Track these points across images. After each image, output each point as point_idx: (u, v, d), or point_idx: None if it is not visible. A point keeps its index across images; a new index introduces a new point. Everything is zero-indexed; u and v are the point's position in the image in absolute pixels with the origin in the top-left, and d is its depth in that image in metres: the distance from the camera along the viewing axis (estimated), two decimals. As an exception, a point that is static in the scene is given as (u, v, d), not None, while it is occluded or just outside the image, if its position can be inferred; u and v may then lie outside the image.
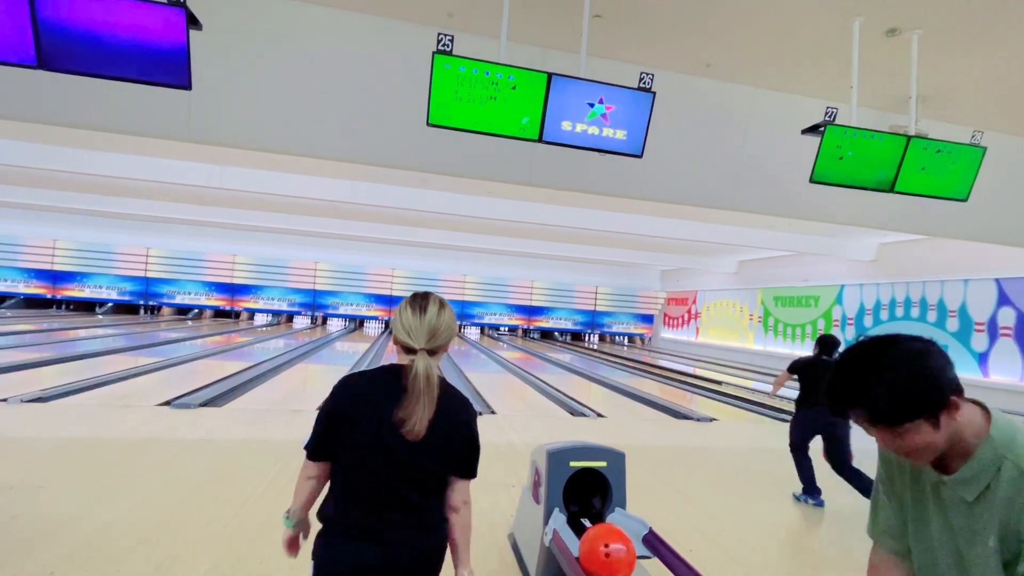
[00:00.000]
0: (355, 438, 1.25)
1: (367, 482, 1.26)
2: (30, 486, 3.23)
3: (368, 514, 1.25)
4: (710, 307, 19.34)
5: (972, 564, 0.90)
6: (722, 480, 4.46)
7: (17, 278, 17.80)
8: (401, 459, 1.24)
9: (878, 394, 0.87)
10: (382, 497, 1.25)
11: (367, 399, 1.27)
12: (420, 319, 1.29)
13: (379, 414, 1.24)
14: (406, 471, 1.25)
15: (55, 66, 3.14)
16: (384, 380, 1.29)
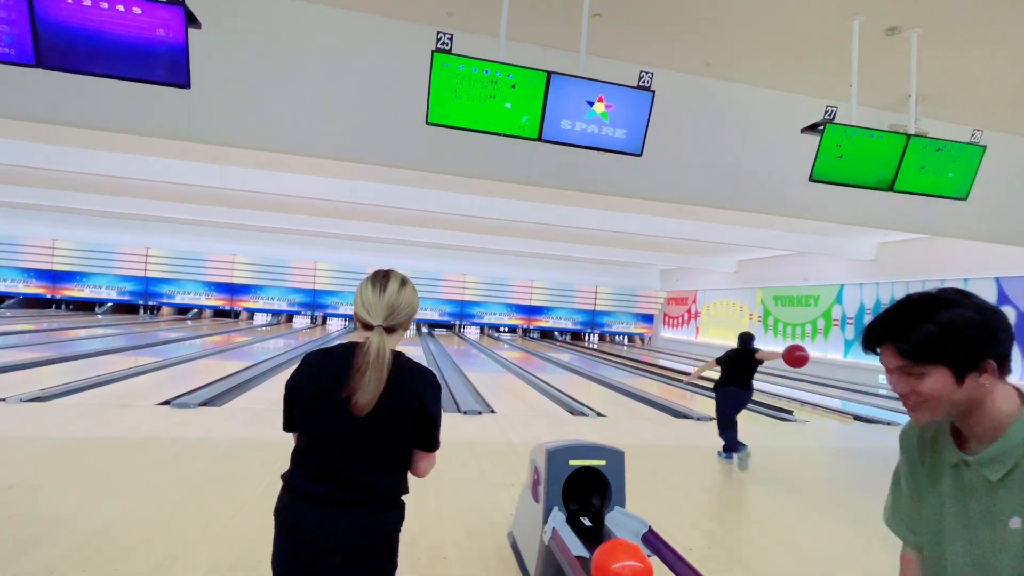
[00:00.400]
0: (309, 412, 1.30)
1: (318, 454, 1.30)
2: (29, 485, 3.23)
3: (318, 484, 1.29)
4: (710, 307, 19.34)
5: (993, 549, 0.87)
6: (721, 479, 4.46)
7: (17, 278, 17.80)
8: (349, 435, 1.27)
9: (924, 331, 0.85)
10: (331, 470, 1.29)
11: (321, 375, 1.30)
12: (379, 296, 1.33)
13: (331, 390, 1.26)
14: (354, 446, 1.28)
15: (53, 65, 3.14)
16: (339, 356, 1.30)
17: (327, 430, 1.28)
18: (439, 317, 20.89)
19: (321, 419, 1.28)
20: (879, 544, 3.23)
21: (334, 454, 1.28)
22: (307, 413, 1.31)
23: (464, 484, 3.80)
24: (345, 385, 1.24)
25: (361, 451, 1.28)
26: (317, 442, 1.30)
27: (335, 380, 1.26)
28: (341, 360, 1.28)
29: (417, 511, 3.27)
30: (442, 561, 2.68)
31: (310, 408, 1.30)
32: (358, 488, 1.29)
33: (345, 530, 1.27)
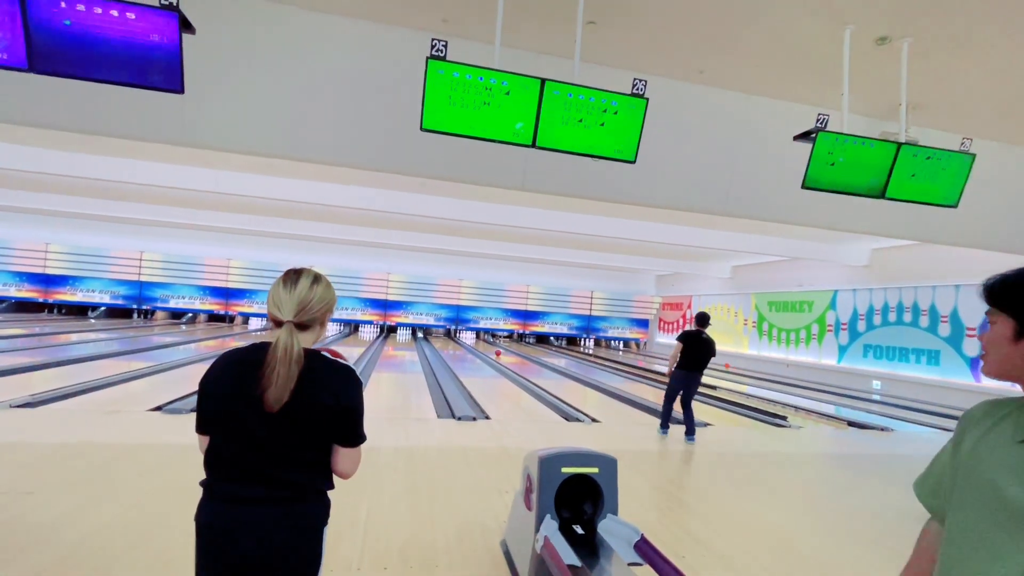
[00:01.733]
0: (222, 410, 1.29)
1: (232, 453, 1.28)
2: (19, 492, 3.20)
3: (235, 483, 1.28)
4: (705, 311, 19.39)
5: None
6: (716, 485, 4.46)
7: (9, 281, 17.66)
8: (260, 433, 1.26)
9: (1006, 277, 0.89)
10: (246, 468, 1.27)
11: (230, 375, 1.30)
12: (290, 292, 1.33)
13: (240, 389, 1.26)
14: (267, 445, 1.26)
15: (46, 69, 3.13)
16: (252, 353, 1.30)
17: (241, 427, 1.26)
18: (435, 322, 20.84)
19: (235, 416, 1.27)
20: (872, 550, 3.24)
21: (249, 452, 1.27)
22: (220, 410, 1.29)
23: (457, 490, 3.79)
24: (257, 382, 1.23)
25: (276, 448, 1.27)
26: (232, 441, 1.28)
27: (247, 377, 1.25)
28: (253, 357, 1.28)
29: (410, 516, 3.26)
30: (433, 568, 2.66)
31: (223, 405, 1.28)
32: (276, 485, 1.27)
33: (265, 527, 1.26)
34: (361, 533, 2.99)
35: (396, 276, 20.27)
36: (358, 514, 3.25)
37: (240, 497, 1.26)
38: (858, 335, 12.96)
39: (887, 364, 12.11)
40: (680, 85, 5.00)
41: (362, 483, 3.79)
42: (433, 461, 4.42)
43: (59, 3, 3.11)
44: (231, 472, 1.28)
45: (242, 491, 1.27)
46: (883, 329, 12.30)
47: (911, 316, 11.62)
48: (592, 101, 3.73)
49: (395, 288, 20.33)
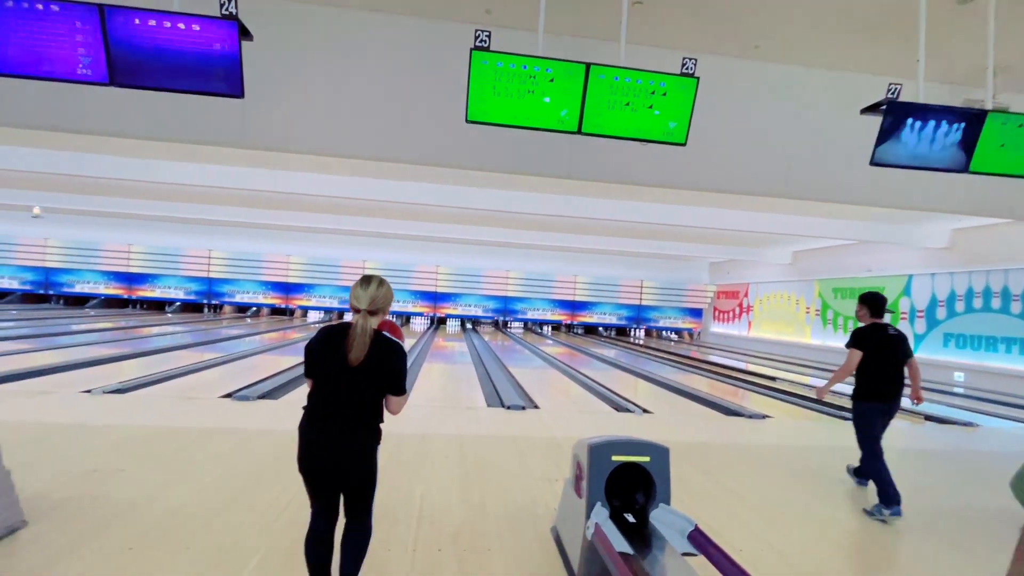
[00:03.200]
0: (318, 365, 1.98)
1: (323, 393, 1.96)
2: (112, 469, 3.52)
3: (325, 413, 1.95)
4: (763, 300, 18.54)
5: None
6: (775, 479, 4.28)
7: (98, 280, 19.39)
8: (343, 379, 1.93)
9: None
10: (333, 403, 1.95)
11: (328, 342, 1.97)
12: (365, 291, 2.00)
13: (333, 352, 1.93)
14: (346, 388, 1.94)
15: (124, 82, 3.39)
16: (338, 329, 1.98)
17: (331, 375, 1.94)
18: (483, 313, 21.08)
19: (329, 368, 1.94)
20: (952, 553, 3.01)
21: (335, 391, 1.94)
22: (320, 364, 1.97)
23: (508, 478, 3.83)
24: (344, 347, 1.90)
25: (351, 390, 1.94)
26: (325, 383, 1.96)
27: (338, 344, 1.92)
28: (341, 331, 1.96)
29: (461, 502, 3.33)
30: (486, 553, 2.71)
31: (322, 360, 1.97)
32: (349, 415, 1.95)
33: (341, 440, 1.94)
34: (415, 516, 3.09)
35: (445, 268, 20.64)
36: (412, 498, 3.36)
37: (327, 421, 1.94)
38: (937, 323, 11.99)
39: (971, 354, 11.14)
40: (733, 62, 4.76)
41: (416, 469, 3.91)
42: (484, 449, 4.49)
43: (133, 21, 3.35)
44: (323, 404, 1.96)
45: (328, 417, 1.95)
46: (966, 316, 11.30)
47: (1000, 302, 10.61)
48: (639, 83, 3.62)
49: (444, 280, 20.72)
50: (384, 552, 2.65)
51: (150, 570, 2.38)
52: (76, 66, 3.36)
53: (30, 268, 18.98)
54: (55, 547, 2.50)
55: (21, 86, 4.15)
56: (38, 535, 2.61)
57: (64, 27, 3.27)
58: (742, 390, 9.24)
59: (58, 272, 19.13)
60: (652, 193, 9.75)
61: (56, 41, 3.29)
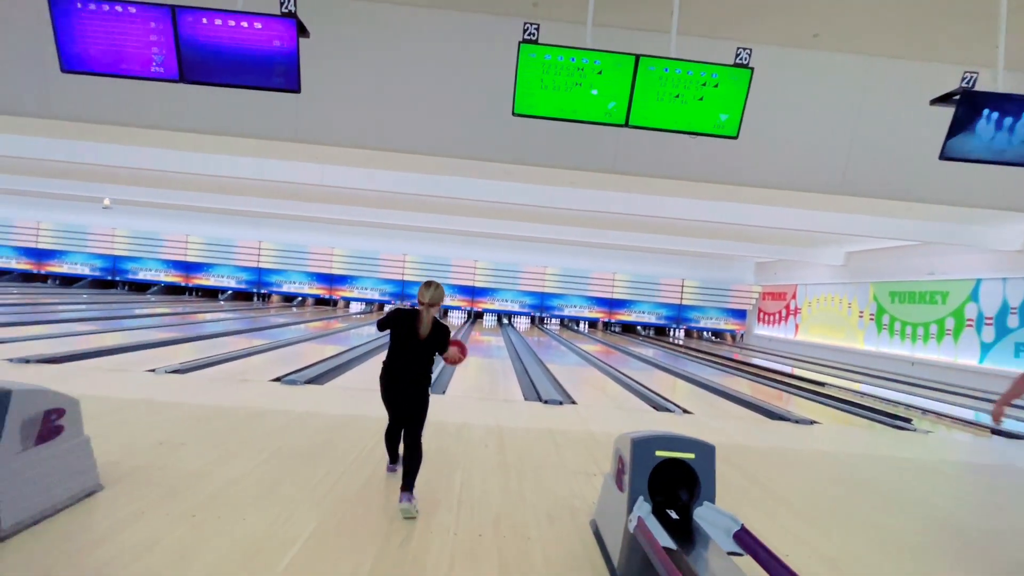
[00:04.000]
0: (396, 333, 3.07)
1: (399, 354, 3.06)
2: (175, 443, 3.76)
3: (398, 367, 3.05)
4: (812, 303, 17.79)
5: None
6: (823, 485, 4.12)
7: (159, 268, 20.61)
8: (412, 344, 3.02)
9: None
10: (403, 361, 3.05)
11: (404, 321, 3.05)
12: (427, 291, 3.03)
13: (407, 328, 3.03)
14: (414, 352, 3.04)
15: (192, 79, 3.59)
16: (411, 313, 3.06)
17: (405, 342, 3.04)
18: (519, 309, 21.14)
19: (403, 337, 3.04)
20: (1008, 571, 2.83)
21: (405, 353, 3.04)
22: (397, 334, 3.06)
23: (545, 470, 3.85)
24: (414, 324, 3.00)
25: (416, 353, 3.04)
26: (400, 347, 3.06)
27: (411, 323, 3.02)
28: (413, 314, 3.06)
29: (500, 491, 3.38)
30: (526, 541, 2.74)
31: (399, 331, 3.06)
32: (414, 367, 3.05)
33: (408, 386, 3.04)
34: (456, 502, 3.16)
35: (483, 263, 20.80)
36: (452, 484, 3.43)
37: (402, 371, 3.05)
38: (1007, 331, 11.18)
39: (1044, 366, 10.34)
40: (789, 52, 4.58)
41: (455, 457, 3.99)
42: (522, 441, 4.53)
43: (201, 20, 3.54)
44: (398, 360, 3.06)
45: (403, 368, 3.05)
46: (1042, 325, 10.49)
47: (1079, 311, 9.79)
48: (690, 75, 3.55)
49: (482, 275, 20.89)
50: (426, 534, 2.72)
51: (211, 536, 2.53)
52: (150, 64, 3.58)
53: (100, 256, 20.36)
54: (127, 511, 2.70)
55: (98, 84, 4.45)
56: (113, 499, 2.82)
57: (139, 27, 3.49)
58: (788, 394, 8.92)
59: (124, 260, 20.45)
60: (696, 189, 9.50)
61: (132, 41, 3.52)
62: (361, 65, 4.86)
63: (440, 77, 4.89)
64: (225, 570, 2.29)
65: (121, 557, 2.31)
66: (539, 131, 4.73)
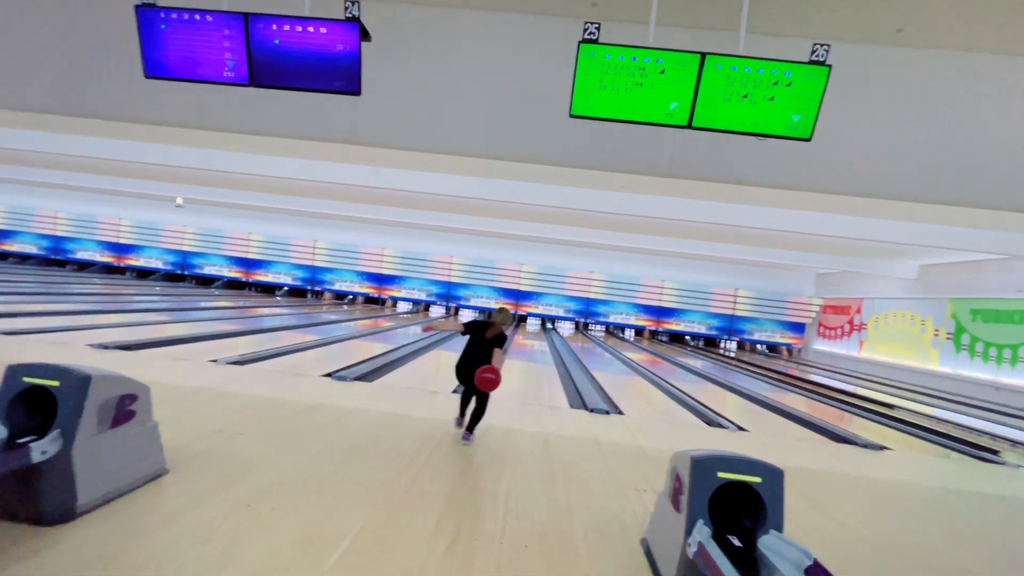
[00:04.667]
0: (472, 336, 4.43)
1: (471, 349, 4.39)
2: (233, 431, 3.91)
3: (471, 356, 4.35)
4: (880, 318, 16.63)
5: None
6: (895, 516, 3.78)
7: (223, 264, 21.83)
8: (482, 343, 4.34)
9: None
10: (473, 353, 4.35)
11: (478, 327, 4.44)
12: (499, 314, 4.47)
13: (480, 331, 4.40)
14: (481, 348, 4.32)
15: (262, 83, 3.73)
16: (484, 322, 4.46)
17: (476, 341, 4.38)
18: (564, 314, 20.95)
19: (476, 338, 4.39)
20: None
21: (477, 349, 4.34)
22: (472, 336, 4.42)
23: (594, 483, 3.73)
24: (484, 329, 4.40)
25: (482, 349, 4.31)
26: (473, 345, 4.39)
27: (483, 329, 4.41)
28: (485, 323, 4.45)
29: (547, 501, 3.29)
30: (573, 556, 2.65)
31: (473, 334, 4.42)
32: (481, 359, 4.23)
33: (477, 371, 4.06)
34: (502, 509, 3.10)
35: (528, 267, 20.77)
36: (498, 492, 3.37)
37: (471, 361, 4.30)
38: (1109, 358, 10.02)
39: None
40: (871, 49, 4.27)
41: (500, 462, 3.93)
42: (567, 450, 4.42)
43: (271, 26, 3.68)
44: (471, 353, 4.36)
45: (473, 358, 4.31)
46: None
47: None
48: (761, 73, 3.36)
49: (527, 279, 20.85)
50: (471, 542, 2.67)
51: (267, 525, 2.59)
52: (223, 69, 3.76)
53: (171, 251, 21.81)
54: (191, 495, 2.81)
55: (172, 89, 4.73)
56: (178, 482, 2.95)
57: (214, 35, 3.66)
58: (851, 415, 8.34)
59: (192, 255, 21.81)
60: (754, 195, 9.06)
61: (207, 47, 3.70)
62: (417, 69, 4.92)
63: (493, 79, 4.88)
64: (276, 562, 2.32)
65: (182, 541, 2.40)
66: (592, 133, 4.63)
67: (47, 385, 2.38)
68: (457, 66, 4.89)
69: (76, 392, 2.37)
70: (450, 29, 4.81)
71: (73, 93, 5.16)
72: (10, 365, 2.48)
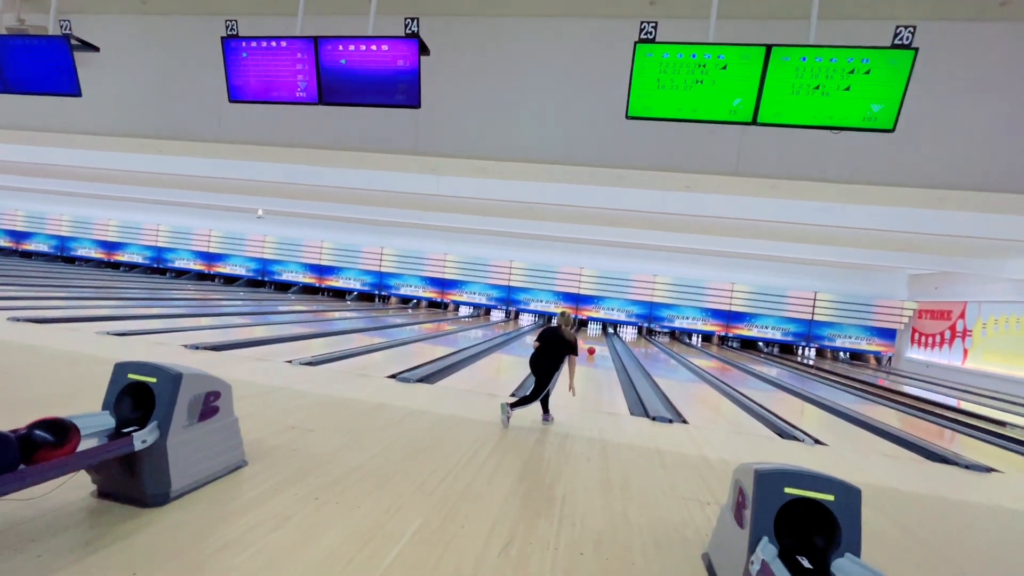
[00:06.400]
0: (543, 339, 5.13)
1: (543, 348, 5.09)
2: (305, 428, 4.17)
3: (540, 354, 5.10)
4: (988, 324, 14.90)
5: None
6: (1002, 549, 3.36)
7: (298, 271, 23.36)
8: (550, 344, 5.06)
9: None
10: (544, 351, 5.07)
11: (549, 332, 5.16)
12: (562, 318, 5.28)
13: (550, 335, 5.13)
14: (552, 348, 5.04)
15: (329, 100, 3.98)
16: (554, 328, 5.18)
17: (547, 343, 5.08)
18: (626, 318, 20.49)
19: (547, 340, 5.10)
20: None
21: (547, 349, 5.05)
22: (544, 338, 5.12)
23: (653, 493, 3.62)
24: (555, 334, 5.10)
25: (555, 349, 5.05)
26: (545, 345, 5.08)
27: (553, 333, 5.13)
28: (556, 328, 5.17)
29: (603, 509, 3.24)
30: (631, 567, 2.58)
31: (544, 338, 5.13)
32: (552, 357, 5.04)
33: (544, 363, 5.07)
34: (557, 515, 3.08)
35: (588, 271, 20.53)
36: (554, 496, 3.36)
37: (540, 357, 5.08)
38: None
39: None
40: (963, 27, 3.87)
41: (558, 467, 3.92)
42: (626, 458, 4.32)
43: (338, 47, 3.92)
44: (541, 352, 5.08)
45: (542, 355, 5.07)
46: None
47: None
48: (834, 62, 3.14)
49: (587, 282, 20.62)
50: (526, 545, 2.68)
51: (331, 519, 2.74)
52: (295, 90, 4.04)
53: (253, 259, 23.63)
54: (265, 487, 3.03)
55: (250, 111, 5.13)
56: (254, 474, 3.19)
57: (288, 59, 3.95)
58: (953, 432, 7.51)
59: (271, 263, 23.51)
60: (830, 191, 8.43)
61: (282, 71, 4.00)
62: (474, 80, 5.03)
63: (549, 84, 4.89)
64: (342, 554, 2.45)
65: (258, 528, 2.59)
66: (653, 134, 4.52)
67: (147, 381, 2.66)
68: (513, 74, 4.95)
69: (170, 388, 2.64)
70: (507, 37, 4.88)
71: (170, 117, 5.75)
72: (117, 363, 2.80)
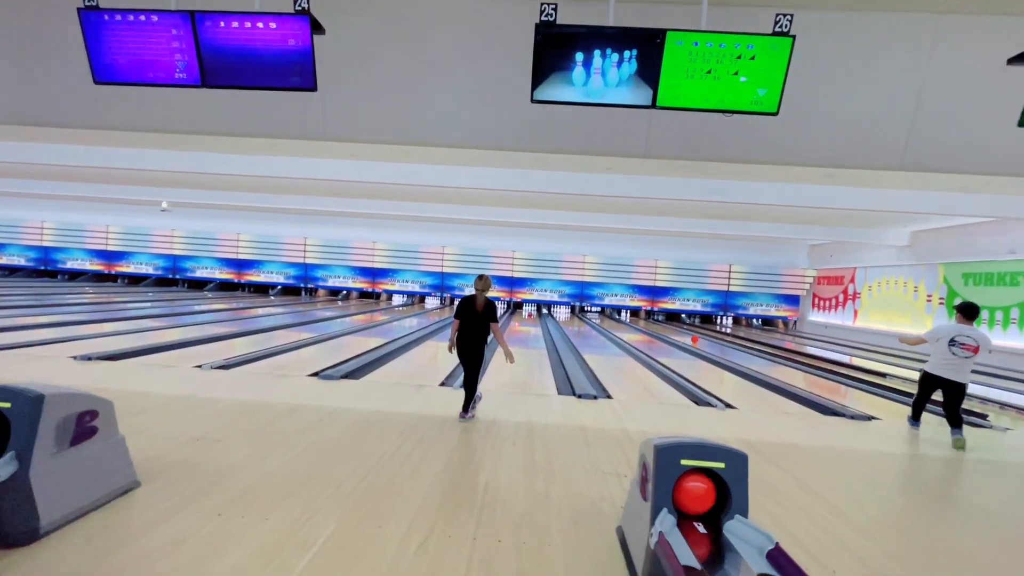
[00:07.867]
0: (463, 314, 4.70)
1: (465, 326, 4.70)
2: (212, 439, 3.89)
3: (465, 334, 4.72)
4: (873, 287, 16.63)
5: None
6: (880, 490, 3.79)
7: (214, 266, 21.75)
8: (472, 319, 4.67)
9: None
10: (468, 330, 4.70)
11: (466, 303, 4.70)
12: (480, 281, 4.72)
13: (468, 308, 4.68)
14: (474, 324, 4.68)
15: (213, 83, 3.64)
16: (471, 298, 4.71)
17: (467, 317, 4.68)
18: (559, 298, 20.93)
19: (467, 315, 4.68)
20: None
21: (470, 326, 4.68)
22: (463, 313, 4.69)
23: (574, 470, 3.73)
24: (474, 305, 4.66)
25: (477, 324, 4.68)
26: (465, 321, 4.68)
27: (471, 304, 4.68)
28: (472, 298, 4.70)
29: (525, 492, 3.28)
30: (546, 547, 2.64)
31: (464, 312, 4.69)
32: (476, 336, 4.71)
33: (471, 346, 4.74)
34: (479, 504, 3.09)
35: (521, 253, 20.71)
36: (476, 485, 3.36)
37: (466, 338, 4.71)
38: (1101, 316, 10.03)
39: None
40: (838, 17, 4.16)
41: (481, 455, 3.92)
42: (551, 439, 4.42)
43: (219, 23, 3.57)
44: (465, 330, 4.70)
45: (467, 335, 4.71)
46: None
47: None
48: (723, 48, 3.27)
49: (520, 265, 20.80)
50: (445, 539, 2.66)
51: (235, 536, 2.58)
52: (174, 71, 3.66)
53: (161, 256, 21.70)
54: (161, 508, 2.79)
55: (132, 93, 4.62)
56: (148, 496, 2.93)
57: (162, 35, 3.56)
58: (845, 387, 8.35)
59: (183, 259, 21.71)
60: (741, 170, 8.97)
61: (156, 49, 3.60)
62: (382, 59, 4.80)
63: (459, 67, 4.77)
64: (244, 573, 2.31)
65: (148, 556, 2.38)
66: (562, 118, 4.54)
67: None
68: (423, 53, 4.78)
69: (29, 413, 2.34)
70: (414, 15, 4.69)
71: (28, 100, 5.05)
72: (-37, 388, 2.44)
